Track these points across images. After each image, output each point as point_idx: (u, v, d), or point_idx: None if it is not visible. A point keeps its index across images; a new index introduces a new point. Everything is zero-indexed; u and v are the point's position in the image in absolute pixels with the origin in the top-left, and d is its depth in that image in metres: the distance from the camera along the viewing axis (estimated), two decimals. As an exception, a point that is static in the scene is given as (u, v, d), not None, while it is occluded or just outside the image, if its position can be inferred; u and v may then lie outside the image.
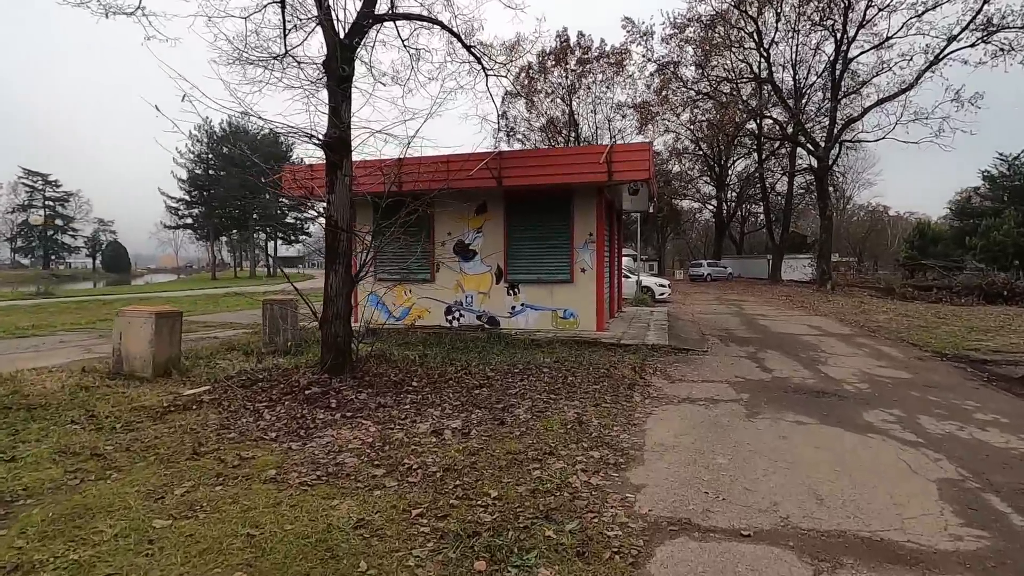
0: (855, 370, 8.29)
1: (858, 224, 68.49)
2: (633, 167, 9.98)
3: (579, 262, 11.47)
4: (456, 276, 12.31)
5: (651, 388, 7.03)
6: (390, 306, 12.82)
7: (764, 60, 30.64)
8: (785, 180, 43.69)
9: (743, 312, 17.80)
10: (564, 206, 11.53)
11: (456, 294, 12.33)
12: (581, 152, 10.40)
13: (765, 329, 13.36)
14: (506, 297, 11.98)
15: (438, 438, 4.99)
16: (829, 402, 6.41)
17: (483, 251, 12.10)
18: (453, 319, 12.36)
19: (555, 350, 9.57)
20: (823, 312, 17.41)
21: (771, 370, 8.31)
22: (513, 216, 11.87)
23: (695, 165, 49.56)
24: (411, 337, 10.84)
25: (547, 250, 11.69)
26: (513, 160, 10.62)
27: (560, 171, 10.37)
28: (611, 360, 8.69)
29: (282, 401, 6.04)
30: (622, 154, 10.07)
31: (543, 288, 11.73)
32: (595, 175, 10.19)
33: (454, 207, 12.18)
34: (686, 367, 8.48)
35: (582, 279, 11.46)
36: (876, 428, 5.39)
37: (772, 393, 6.84)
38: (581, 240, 11.45)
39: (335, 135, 6.82)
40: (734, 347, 10.57)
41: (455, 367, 7.85)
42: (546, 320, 11.74)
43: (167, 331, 7.69)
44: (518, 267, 11.88)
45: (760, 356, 9.56)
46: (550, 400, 6.29)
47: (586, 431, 5.17)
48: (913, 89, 25.20)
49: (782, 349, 10.30)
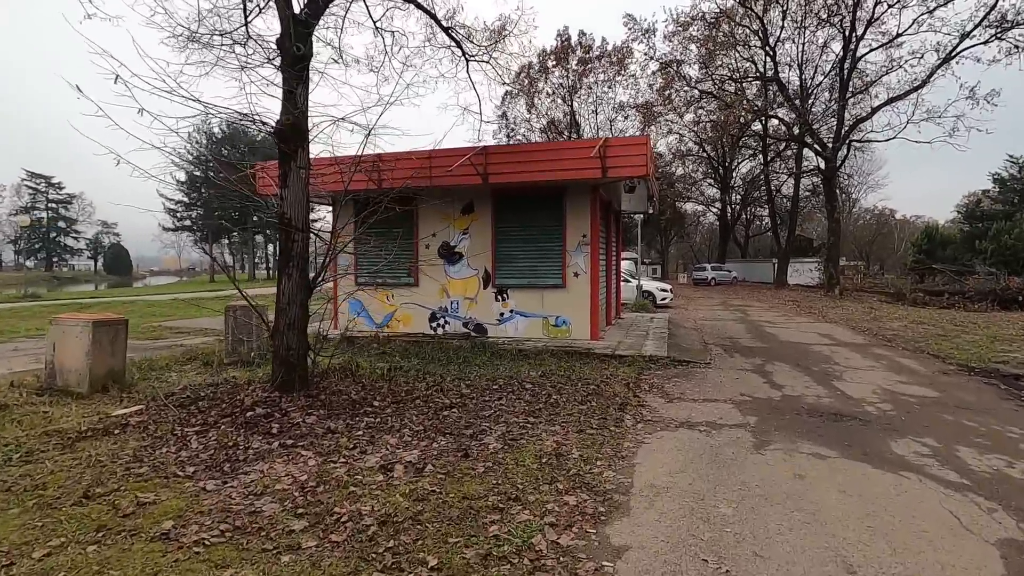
0: (875, 387, 7.43)
1: (864, 227, 67.42)
2: (629, 163, 9.17)
3: (572, 265, 10.66)
4: (441, 280, 11.52)
5: (645, 409, 6.20)
6: (372, 312, 12.05)
7: (770, 59, 29.80)
8: (791, 182, 42.75)
9: (748, 318, 16.94)
10: (556, 205, 10.73)
11: (441, 300, 11.54)
12: (573, 146, 9.62)
13: (772, 338, 12.50)
14: (494, 303, 11.17)
15: (385, 476, 4.17)
16: (850, 428, 5.57)
17: (469, 253, 11.31)
18: (438, 326, 11.57)
19: (543, 362, 8.75)
20: (833, 318, 16.52)
21: (780, 386, 7.46)
22: (501, 216, 11.07)
23: (699, 167, 48.69)
24: (390, 346, 10.04)
25: (538, 253, 10.89)
26: (500, 156, 9.83)
27: (550, 167, 9.57)
28: (603, 374, 7.87)
29: (218, 425, 5.24)
30: (618, 149, 9.26)
31: (533, 294, 10.92)
32: (588, 171, 9.39)
33: (439, 206, 11.41)
34: (686, 382, 7.65)
35: (575, 284, 10.65)
36: (909, 464, 4.54)
37: (783, 416, 6.00)
38: (574, 242, 10.64)
39: (288, 121, 6.04)
40: (739, 358, 9.72)
41: (427, 382, 7.04)
42: (537, 328, 10.92)
43: (107, 341, 6.92)
44: (507, 271, 11.07)
45: (768, 369, 8.71)
46: (528, 424, 5.47)
47: (563, 467, 4.35)
48: (925, 87, 24.34)
49: (791, 361, 9.45)
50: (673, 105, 35.16)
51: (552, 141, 10.63)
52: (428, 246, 11.58)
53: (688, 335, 12.60)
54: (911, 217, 70.12)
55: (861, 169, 47.69)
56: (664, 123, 38.47)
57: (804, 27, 30.15)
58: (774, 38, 29.53)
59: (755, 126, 36.85)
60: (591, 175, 9.37)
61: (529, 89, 41.19)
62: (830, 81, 30.94)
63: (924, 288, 26.84)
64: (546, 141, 10.89)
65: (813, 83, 32.11)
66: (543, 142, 11.27)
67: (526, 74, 40.68)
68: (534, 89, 41.11)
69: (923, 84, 24.33)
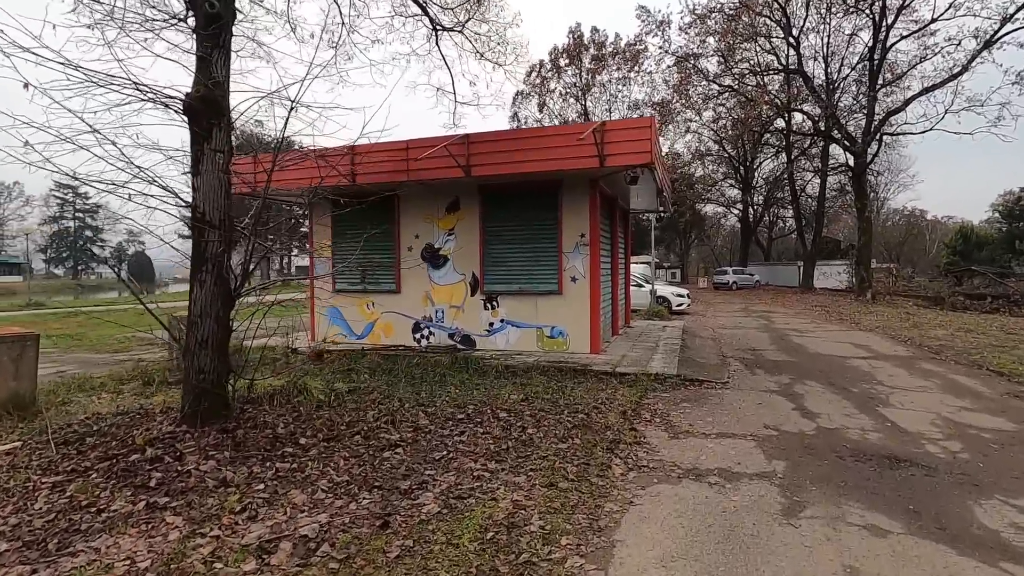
0: (933, 415, 6.02)
1: (893, 229, 64.68)
2: (631, 149, 7.90)
3: (569, 269, 9.40)
4: (425, 287, 10.35)
5: (642, 448, 4.92)
6: (351, 322, 10.94)
7: (793, 50, 28.13)
8: (816, 181, 40.76)
9: (773, 326, 15.43)
10: (550, 201, 9.50)
11: (425, 308, 10.37)
12: (566, 132, 8.39)
13: (800, 349, 11.05)
14: (482, 312, 9.96)
15: (259, 562, 2.98)
16: (912, 480, 4.22)
17: (455, 256, 10.13)
18: (422, 337, 10.40)
19: (531, 381, 7.51)
20: (867, 326, 14.93)
21: (814, 415, 6.10)
22: (490, 214, 9.88)
23: (719, 167, 46.91)
24: (363, 361, 8.89)
25: (531, 255, 9.66)
26: (483, 145, 8.64)
27: (540, 156, 8.35)
28: (598, 398, 6.59)
29: (88, 473, 4.11)
30: (617, 133, 8.00)
31: (526, 301, 9.69)
32: (583, 160, 8.14)
33: (422, 204, 10.28)
34: (697, 409, 6.33)
35: (573, 290, 9.39)
36: (1010, 547, 3.20)
37: (820, 460, 4.66)
38: (571, 243, 9.39)
39: (198, 94, 4.94)
40: (762, 376, 8.35)
41: (380, 410, 5.85)
42: (530, 340, 9.68)
43: (10, 360, 5.90)
44: (497, 275, 9.86)
45: (797, 390, 7.33)
46: (486, 473, 4.24)
47: (513, 548, 3.11)
48: (965, 74, 22.47)
49: (825, 379, 8.04)
50: (691, 102, 33.65)
51: (541, 127, 9.43)
52: (411, 248, 10.43)
53: (704, 346, 11.22)
54: (942, 218, 67.13)
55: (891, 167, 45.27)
56: (682, 121, 36.95)
57: (830, 16, 28.48)
58: (797, 28, 27.88)
59: (778, 122, 35.11)
60: (587, 164, 8.12)
61: (541, 89, 40.08)
62: (857, 74, 29.17)
63: (964, 291, 24.90)
64: (535, 127, 9.65)
65: (839, 76, 30.36)
66: (532, 127, 10.04)
67: (537, 73, 39.60)
68: (546, 89, 39.97)
69: (963, 71, 22.48)
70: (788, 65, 29.06)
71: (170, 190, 5.13)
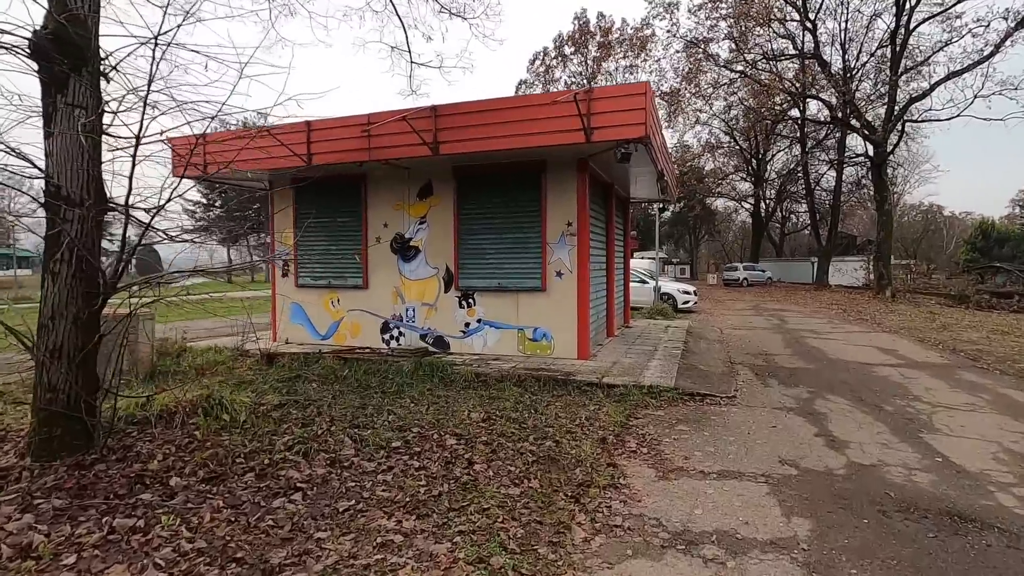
0: (994, 446, 4.80)
1: (910, 224, 62.66)
2: (622, 120, 6.70)
3: (554, 263, 8.22)
4: (394, 282, 9.23)
5: (619, 495, 3.75)
6: (315, 322, 9.84)
7: (810, 34, 26.61)
8: (831, 175, 39.14)
9: (787, 326, 14.15)
10: (532, 185, 8.32)
11: (395, 305, 9.24)
12: (546, 100, 7.20)
13: (819, 354, 9.80)
14: (457, 310, 8.82)
15: None
16: (988, 555, 3.02)
17: (428, 248, 8.99)
18: (391, 338, 9.28)
19: (500, 393, 6.36)
20: (891, 327, 13.61)
21: (843, 443, 4.90)
22: (466, 199, 8.72)
23: (730, 160, 45.33)
24: (315, 367, 7.79)
25: (511, 246, 8.49)
26: (452, 118, 7.47)
27: (518, 130, 7.16)
28: (576, 417, 5.44)
29: None
30: (606, 102, 6.79)
31: (506, 299, 8.53)
32: (567, 134, 6.95)
33: (391, 190, 9.15)
34: (696, 434, 5.14)
35: (558, 287, 8.21)
36: None
37: (858, 519, 3.47)
38: (556, 232, 8.21)
39: (47, 31, 3.82)
40: (776, 388, 7.13)
41: (298, 435, 4.72)
42: (510, 342, 8.53)
43: None
44: (473, 269, 8.71)
45: (819, 408, 6.12)
46: (396, 537, 3.09)
47: None
48: (997, 55, 20.91)
49: (851, 393, 6.82)
50: (701, 92, 32.19)
51: (521, 95, 8.24)
52: (379, 239, 9.30)
53: (709, 350, 10.00)
54: (960, 214, 65.00)
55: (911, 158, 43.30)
56: (691, 112, 35.47)
57: None
58: (814, 11, 26.36)
59: (792, 112, 33.57)
60: (571, 139, 6.92)
61: (545, 78, 38.76)
62: (876, 61, 27.61)
63: (989, 289, 23.42)
64: (515, 96, 8.49)
65: (858, 63, 28.80)
66: (509, 96, 8.76)
67: (541, 62, 38.32)
68: (550, 78, 38.63)
69: (994, 52, 20.93)
70: (803, 49, 27.53)
71: (24, 156, 4.01)
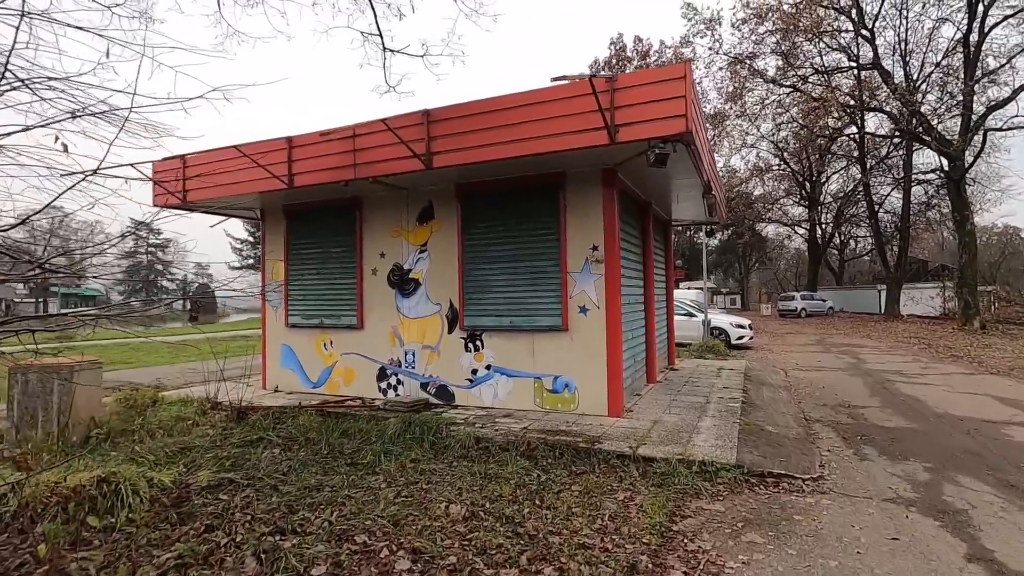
0: None
1: (985, 247, 57.49)
2: (655, 112, 5.23)
3: (576, 296, 6.71)
4: (392, 320, 7.90)
5: None
6: (306, 366, 8.61)
7: (868, 43, 24.60)
8: (895, 196, 36.11)
9: (865, 366, 11.98)
10: (548, 202, 6.90)
11: (392, 348, 7.89)
12: (560, 94, 5.81)
13: (918, 406, 7.78)
14: (463, 354, 7.37)
15: None
16: None
17: (429, 280, 7.65)
18: (388, 387, 7.90)
19: (502, 469, 4.83)
20: (997, 367, 11.25)
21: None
22: (471, 222, 7.37)
23: (780, 184, 42.74)
24: (290, 424, 6.47)
25: (524, 277, 7.04)
26: (448, 123, 6.18)
27: (523, 133, 5.79)
28: (595, 514, 3.84)
29: None
30: (634, 91, 5.35)
31: (520, 340, 7.04)
32: (584, 135, 5.52)
33: (389, 214, 7.95)
34: (774, 553, 3.43)
35: (582, 325, 6.67)
36: None
37: None
38: (579, 259, 6.71)
39: None
40: (879, 463, 5.28)
41: (186, 547, 3.31)
42: (525, 394, 6.98)
43: None
44: (480, 305, 7.28)
45: (952, 502, 4.28)
46: None
47: None
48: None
49: (989, 471, 4.91)
50: (746, 111, 30.33)
51: (531, 90, 6.94)
52: (375, 271, 8.05)
53: (775, 401, 8.13)
54: (1040, 235, 59.35)
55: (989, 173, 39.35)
56: (738, 135, 33.52)
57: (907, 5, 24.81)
58: (871, 18, 24.40)
59: (849, 129, 31.20)
60: (590, 141, 5.49)
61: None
62: (942, 72, 25.17)
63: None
64: (523, 91, 7.19)
65: (921, 74, 26.42)
66: (511, 93, 7.34)
67: (577, 89, 37.36)
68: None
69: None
70: (859, 59, 25.46)
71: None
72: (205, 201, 8.13)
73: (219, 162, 7.67)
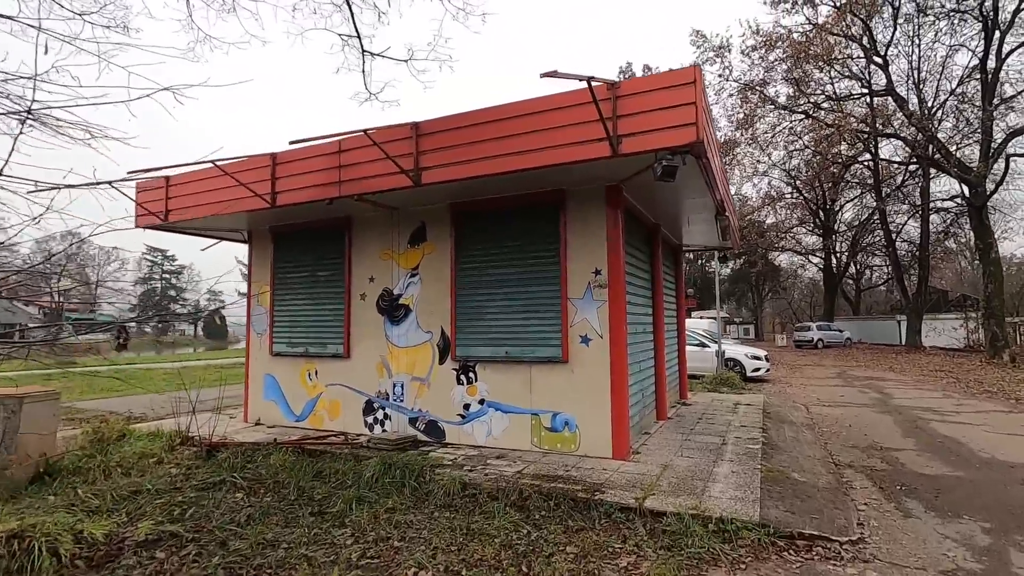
0: None
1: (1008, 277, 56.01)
2: (662, 121, 4.73)
3: (577, 324, 6.12)
4: (381, 349, 7.34)
5: None
6: (290, 398, 8.05)
7: (881, 70, 24.28)
8: (912, 224, 35.26)
9: (893, 402, 11.16)
10: (548, 222, 6.38)
11: (380, 380, 7.31)
12: (557, 103, 5.35)
13: (960, 449, 7.01)
14: (455, 387, 6.77)
15: None
16: None
17: (420, 307, 7.11)
18: (375, 421, 7.29)
19: (488, 523, 4.19)
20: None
21: None
22: (465, 245, 6.86)
23: (793, 213, 42.06)
24: (263, 463, 5.88)
25: (521, 303, 6.47)
26: (437, 136, 5.73)
27: (520, 147, 5.31)
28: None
29: None
30: (639, 99, 4.86)
31: (516, 372, 6.43)
32: (583, 147, 5.02)
33: (379, 236, 7.48)
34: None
35: (584, 356, 6.07)
36: None
37: None
38: (581, 284, 6.15)
39: None
40: (926, 522, 4.56)
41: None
42: (522, 432, 6.34)
43: None
44: (474, 334, 6.71)
45: (1022, 571, 3.56)
46: None
47: None
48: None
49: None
50: (757, 139, 29.96)
51: (529, 99, 6.49)
52: (364, 296, 7.53)
53: (799, 442, 7.40)
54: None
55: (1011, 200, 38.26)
56: (749, 164, 33.11)
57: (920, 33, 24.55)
58: (883, 45, 24.13)
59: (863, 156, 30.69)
60: (590, 153, 4.98)
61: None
62: (956, 100, 24.68)
63: None
64: (520, 101, 6.74)
65: (935, 102, 25.98)
66: (507, 103, 6.86)
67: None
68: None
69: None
70: (871, 86, 25.10)
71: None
72: (188, 222, 7.72)
73: (201, 180, 7.30)
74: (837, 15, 23.59)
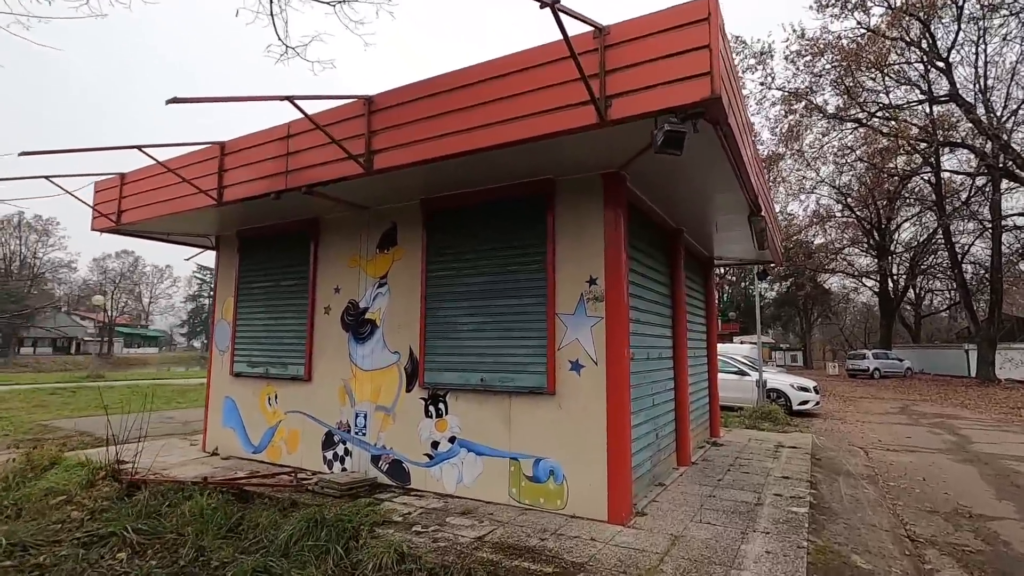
0: None
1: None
2: (664, 73, 3.50)
3: (567, 347, 4.86)
4: (344, 372, 6.25)
5: None
6: (248, 425, 7.03)
7: (943, 73, 22.24)
8: (979, 245, 32.21)
9: (973, 447, 9.29)
10: (532, 220, 5.19)
11: (342, 408, 6.20)
12: (529, 61, 4.20)
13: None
14: (423, 420, 5.58)
15: None
16: None
17: (387, 322, 5.99)
18: (335, 458, 6.16)
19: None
20: None
21: None
22: (437, 249, 5.72)
23: (844, 233, 39.28)
24: (180, 508, 4.82)
25: (499, 319, 5.26)
26: (393, 111, 4.66)
27: (487, 118, 4.16)
28: None
29: None
30: (634, 46, 3.65)
31: (492, 404, 5.19)
32: (560, 114, 3.84)
33: (346, 240, 6.47)
34: None
35: (574, 387, 4.79)
36: None
37: None
38: (571, 297, 4.91)
39: None
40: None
41: None
42: (498, 479, 5.07)
43: None
44: (445, 355, 5.52)
45: None
46: None
47: None
48: None
49: None
50: (803, 153, 27.97)
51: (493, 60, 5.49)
52: (328, 309, 6.48)
53: (859, 503, 5.83)
54: None
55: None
56: (795, 179, 31.05)
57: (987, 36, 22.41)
58: (945, 48, 22.13)
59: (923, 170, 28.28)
60: (570, 122, 3.79)
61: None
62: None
63: None
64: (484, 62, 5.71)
65: (1005, 110, 23.63)
66: (478, 64, 5.70)
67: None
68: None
69: None
70: (932, 93, 23.02)
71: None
72: (142, 224, 6.90)
73: (153, 176, 6.47)
74: (892, 17, 21.80)
